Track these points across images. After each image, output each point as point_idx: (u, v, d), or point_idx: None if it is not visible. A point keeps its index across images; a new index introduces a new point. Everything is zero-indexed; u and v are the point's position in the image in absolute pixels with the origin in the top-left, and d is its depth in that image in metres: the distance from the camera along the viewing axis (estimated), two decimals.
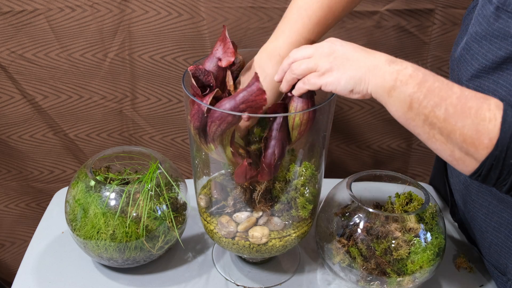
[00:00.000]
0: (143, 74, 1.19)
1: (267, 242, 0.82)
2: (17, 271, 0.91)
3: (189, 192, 0.95)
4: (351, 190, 0.85)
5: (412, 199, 0.87)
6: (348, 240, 0.83)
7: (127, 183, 0.90)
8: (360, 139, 1.32)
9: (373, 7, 1.12)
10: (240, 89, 0.71)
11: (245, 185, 0.80)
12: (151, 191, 0.85)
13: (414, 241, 0.80)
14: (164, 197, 0.86)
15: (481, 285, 0.92)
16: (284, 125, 0.73)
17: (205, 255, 0.97)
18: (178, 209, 0.90)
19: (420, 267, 0.80)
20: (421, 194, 0.87)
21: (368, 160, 1.36)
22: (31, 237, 1.00)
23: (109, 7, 1.10)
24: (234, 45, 0.77)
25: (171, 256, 0.96)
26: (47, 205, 1.09)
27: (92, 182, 0.86)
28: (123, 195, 0.84)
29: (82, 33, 1.12)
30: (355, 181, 0.88)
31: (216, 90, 0.72)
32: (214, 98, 0.72)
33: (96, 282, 0.89)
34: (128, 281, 0.90)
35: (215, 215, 0.84)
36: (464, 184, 0.88)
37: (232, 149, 0.75)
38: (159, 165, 0.88)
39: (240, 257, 0.95)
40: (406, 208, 0.86)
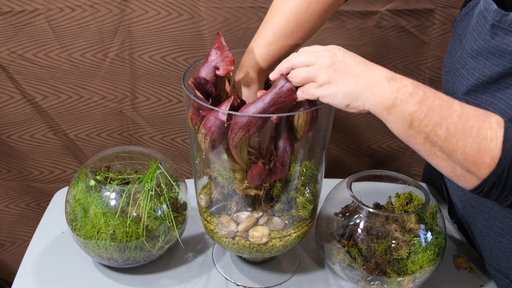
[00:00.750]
0: (143, 74, 1.19)
1: (267, 242, 0.82)
2: (17, 271, 0.91)
3: (189, 192, 0.95)
4: (351, 190, 0.85)
5: (412, 199, 0.87)
6: (348, 240, 0.83)
7: (127, 183, 0.90)
8: (360, 139, 1.32)
9: (373, 7, 1.12)
10: (264, 91, 0.71)
11: (246, 186, 0.80)
12: (151, 191, 0.85)
13: (414, 241, 0.80)
14: (164, 197, 0.86)
15: (481, 285, 0.92)
16: (290, 123, 0.73)
17: (205, 255, 0.97)
18: (178, 209, 0.90)
19: (420, 267, 0.80)
20: (421, 194, 0.87)
21: (368, 160, 1.36)
22: (31, 237, 1.00)
23: (109, 7, 1.10)
24: None
25: (171, 256, 0.96)
26: (47, 205, 1.09)
27: (92, 182, 0.86)
28: (123, 195, 0.84)
29: (82, 33, 1.12)
30: (355, 181, 0.88)
31: (231, 97, 0.71)
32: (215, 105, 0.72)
33: (96, 282, 0.89)
34: (128, 281, 0.90)
35: (215, 215, 0.84)
36: (463, 190, 0.88)
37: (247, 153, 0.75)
38: (159, 165, 0.88)
39: (240, 257, 0.95)
40: (406, 208, 0.86)
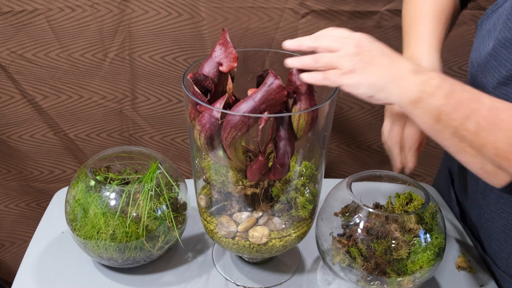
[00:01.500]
0: (143, 74, 1.19)
1: (267, 242, 0.82)
2: (17, 271, 0.91)
3: (189, 192, 0.95)
4: (351, 190, 0.85)
5: (412, 199, 0.87)
6: (348, 240, 0.83)
7: (127, 183, 0.90)
8: (360, 139, 1.32)
9: (373, 7, 1.12)
10: (254, 90, 0.70)
11: (246, 185, 0.80)
12: (151, 191, 0.85)
13: (414, 241, 0.80)
14: (164, 197, 0.86)
15: (481, 285, 0.92)
16: (290, 124, 0.73)
17: (205, 255, 0.97)
18: (178, 209, 0.90)
19: (420, 267, 0.80)
20: (421, 194, 0.87)
21: (368, 160, 1.36)
22: (31, 237, 1.00)
23: (109, 7, 1.10)
24: None
25: (171, 256, 0.96)
26: (47, 205, 1.09)
27: (92, 182, 0.86)
28: (123, 195, 0.84)
29: (82, 33, 1.12)
30: (355, 181, 0.88)
31: (226, 94, 0.71)
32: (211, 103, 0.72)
33: (96, 282, 0.89)
34: (128, 281, 0.90)
35: (215, 215, 0.84)
36: (482, 194, 0.87)
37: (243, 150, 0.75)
38: (159, 165, 0.88)
39: (240, 257, 0.95)
40: (406, 208, 0.86)
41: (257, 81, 0.78)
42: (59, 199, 1.10)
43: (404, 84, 0.61)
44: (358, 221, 0.82)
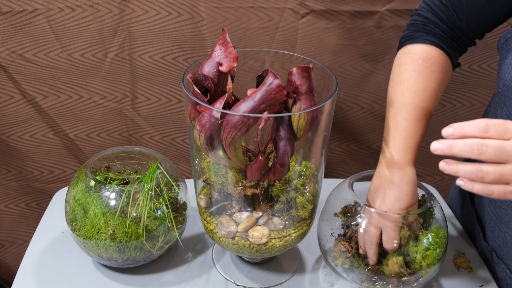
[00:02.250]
0: (143, 74, 1.19)
1: (267, 242, 0.82)
2: (17, 271, 0.91)
3: (189, 192, 0.95)
4: (353, 190, 0.85)
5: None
6: (350, 241, 0.83)
7: (127, 183, 0.90)
8: (360, 139, 1.32)
9: (373, 7, 1.12)
10: (254, 89, 0.70)
11: (246, 186, 0.80)
12: (151, 191, 0.85)
13: (416, 240, 0.80)
14: (164, 197, 0.86)
15: (481, 285, 0.92)
16: (290, 124, 0.73)
17: (205, 255, 0.97)
18: (178, 209, 0.90)
19: (423, 266, 0.80)
20: (422, 194, 0.87)
21: (368, 160, 1.36)
22: (31, 237, 1.00)
23: (109, 7, 1.10)
24: None
25: (171, 256, 0.96)
26: (47, 205, 1.09)
27: (92, 182, 0.86)
28: (123, 195, 0.84)
29: (82, 33, 1.12)
30: (356, 181, 0.88)
31: (226, 94, 0.71)
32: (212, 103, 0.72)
33: (96, 282, 0.89)
34: (128, 281, 0.90)
35: (215, 215, 0.84)
36: (502, 200, 0.85)
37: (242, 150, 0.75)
38: (159, 165, 0.88)
39: (240, 257, 0.95)
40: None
41: (257, 81, 0.78)
42: (59, 199, 1.10)
43: None
44: (360, 221, 0.82)
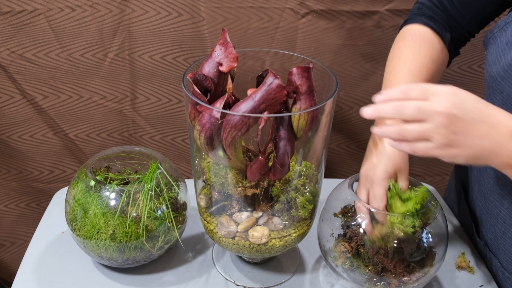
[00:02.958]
0: (143, 74, 1.19)
1: (267, 242, 0.82)
2: (17, 271, 0.91)
3: (189, 192, 0.95)
4: (353, 190, 0.85)
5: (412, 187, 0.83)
6: (350, 241, 0.82)
7: (127, 183, 0.90)
8: (360, 139, 1.32)
9: (373, 7, 1.12)
10: (254, 89, 0.70)
11: (246, 186, 0.80)
12: (151, 191, 0.85)
13: (416, 240, 0.80)
14: (164, 197, 0.86)
15: (481, 285, 0.92)
16: (290, 124, 0.73)
17: (205, 255, 0.97)
18: (178, 209, 0.90)
19: (423, 266, 0.80)
20: None
21: None
22: (31, 237, 1.00)
23: (109, 7, 1.10)
24: None
25: (171, 256, 0.96)
26: (47, 205, 1.09)
27: (92, 182, 0.86)
28: (123, 195, 0.84)
29: (82, 33, 1.12)
30: (356, 181, 0.88)
31: (226, 94, 0.71)
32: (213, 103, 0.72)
33: (96, 282, 0.89)
34: (128, 281, 0.90)
35: (215, 215, 0.84)
36: (499, 193, 0.85)
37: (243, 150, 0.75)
38: (159, 165, 0.88)
39: (240, 257, 0.95)
40: (404, 197, 0.83)
41: (257, 81, 0.78)
42: (59, 199, 1.10)
43: (504, 153, 0.59)
44: (360, 221, 0.82)
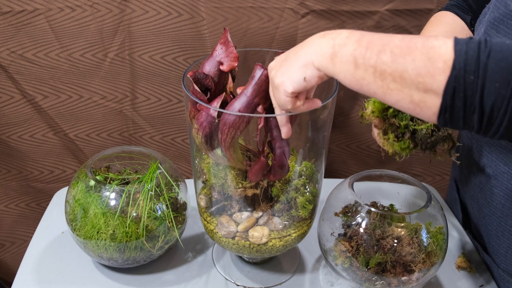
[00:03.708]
0: (143, 74, 1.19)
1: (267, 242, 0.82)
2: (17, 271, 0.91)
3: (189, 192, 0.95)
4: (353, 190, 0.85)
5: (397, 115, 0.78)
6: (350, 241, 0.83)
7: (127, 183, 0.90)
8: (360, 139, 1.32)
9: (373, 7, 1.12)
10: (244, 86, 0.71)
11: (247, 187, 0.80)
12: (151, 191, 0.85)
13: (416, 240, 0.80)
14: (164, 197, 0.86)
15: (481, 285, 0.92)
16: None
17: (205, 255, 0.97)
18: (178, 209, 0.90)
19: (423, 266, 0.80)
20: (422, 194, 0.87)
21: (368, 160, 1.36)
22: (31, 237, 1.00)
23: (109, 7, 1.10)
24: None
25: (171, 256, 0.96)
26: (47, 205, 1.09)
27: (92, 182, 0.86)
28: (123, 195, 0.84)
29: (82, 33, 1.12)
30: (356, 181, 0.88)
31: (223, 94, 0.71)
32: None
33: (96, 282, 0.89)
34: (128, 281, 0.90)
35: (215, 215, 0.84)
36: (478, 186, 0.87)
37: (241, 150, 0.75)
38: (159, 165, 0.88)
39: (240, 257, 0.95)
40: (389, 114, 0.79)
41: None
42: (59, 199, 1.10)
43: (317, 49, 0.62)
44: (360, 220, 0.82)
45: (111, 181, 0.91)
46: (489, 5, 0.82)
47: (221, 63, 0.75)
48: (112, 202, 0.84)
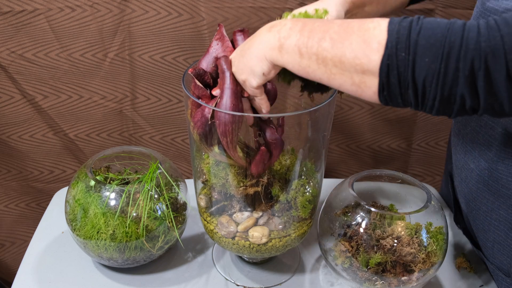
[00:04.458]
0: (143, 74, 1.19)
1: (267, 242, 0.82)
2: (17, 271, 0.91)
3: (189, 192, 0.95)
4: (353, 190, 0.85)
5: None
6: (350, 241, 0.83)
7: (127, 183, 0.90)
8: (360, 139, 1.32)
9: None
10: (219, 84, 0.71)
11: (248, 185, 0.80)
12: (151, 191, 0.85)
13: (416, 240, 0.80)
14: (164, 197, 0.86)
15: (481, 285, 0.92)
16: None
17: (205, 255, 0.97)
18: (178, 209, 0.90)
19: (423, 266, 0.80)
20: (422, 194, 0.87)
21: (368, 160, 1.36)
22: (31, 237, 1.00)
23: (109, 7, 1.10)
24: (232, 43, 0.77)
25: (171, 256, 0.96)
26: (47, 205, 1.09)
27: (92, 182, 0.86)
28: (123, 195, 0.84)
29: (82, 33, 1.12)
30: (356, 181, 0.88)
31: (217, 98, 0.72)
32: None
33: (96, 282, 0.89)
34: (128, 281, 0.90)
35: (215, 215, 0.84)
36: (464, 181, 0.89)
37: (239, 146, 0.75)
38: (159, 165, 0.88)
39: (240, 257, 0.95)
40: None
41: None
42: (59, 199, 1.10)
43: (266, 43, 0.65)
44: (360, 220, 0.82)
45: (111, 181, 0.91)
46: None
47: (218, 59, 0.75)
48: (112, 202, 0.84)
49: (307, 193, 0.82)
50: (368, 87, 0.58)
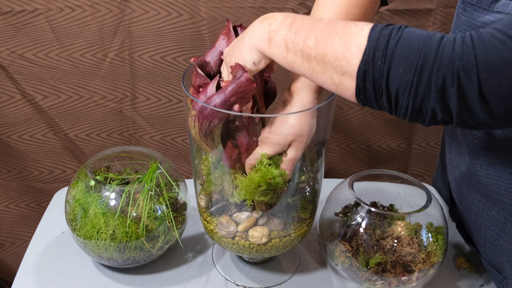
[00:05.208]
0: (143, 74, 1.19)
1: (267, 242, 0.82)
2: (17, 271, 0.91)
3: (189, 192, 0.95)
4: (353, 190, 0.85)
5: None
6: (350, 241, 0.83)
7: (127, 183, 0.90)
8: (360, 139, 1.32)
9: None
10: (227, 81, 0.71)
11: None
12: (151, 191, 0.85)
13: (416, 240, 0.80)
14: (164, 197, 0.86)
15: (481, 285, 0.92)
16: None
17: (205, 255, 0.97)
18: (178, 209, 0.90)
19: (423, 266, 0.80)
20: (422, 194, 0.87)
21: (368, 160, 1.36)
22: (31, 237, 1.00)
23: (109, 7, 1.10)
24: None
25: (171, 256, 0.96)
26: (47, 205, 1.09)
27: (92, 182, 0.86)
28: (123, 195, 0.84)
29: (82, 33, 1.12)
30: (356, 181, 0.88)
31: (217, 77, 0.73)
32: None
33: (96, 282, 0.89)
34: (128, 281, 0.90)
35: (215, 215, 0.84)
36: (456, 181, 0.89)
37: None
38: (159, 165, 0.88)
39: (240, 257, 0.95)
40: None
41: None
42: (59, 199, 1.10)
43: (257, 34, 0.67)
44: (360, 220, 0.82)
45: (111, 181, 0.91)
46: None
47: (222, 53, 0.76)
48: (112, 202, 0.84)
49: (307, 193, 0.82)
50: (346, 89, 0.60)
